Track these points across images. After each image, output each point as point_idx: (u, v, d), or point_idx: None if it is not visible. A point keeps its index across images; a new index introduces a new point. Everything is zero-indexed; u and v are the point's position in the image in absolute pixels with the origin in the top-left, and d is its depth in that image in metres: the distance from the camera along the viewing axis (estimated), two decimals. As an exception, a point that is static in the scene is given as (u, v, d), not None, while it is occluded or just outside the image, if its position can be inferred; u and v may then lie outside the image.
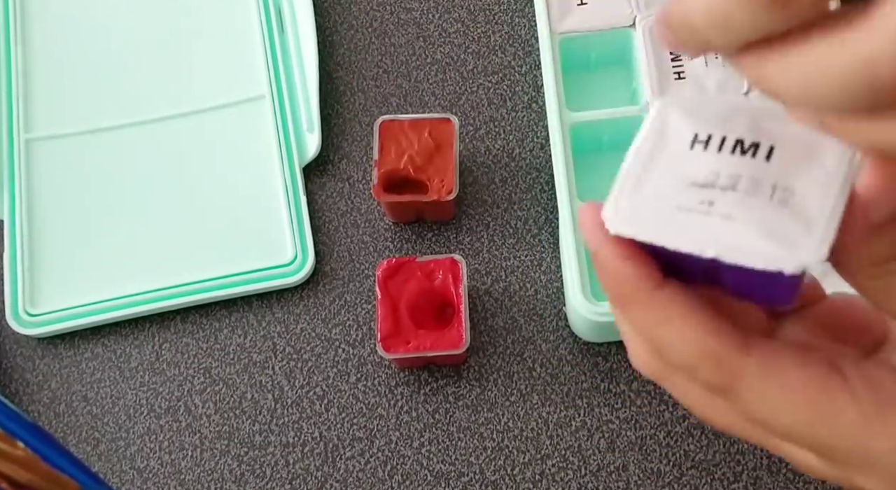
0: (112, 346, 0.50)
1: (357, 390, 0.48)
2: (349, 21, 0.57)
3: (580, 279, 0.44)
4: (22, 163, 0.53)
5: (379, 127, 0.49)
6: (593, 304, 0.44)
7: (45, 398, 0.50)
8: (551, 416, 0.47)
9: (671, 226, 0.23)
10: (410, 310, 0.45)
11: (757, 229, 0.22)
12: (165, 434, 0.48)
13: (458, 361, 0.48)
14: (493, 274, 0.50)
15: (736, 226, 0.22)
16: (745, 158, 0.23)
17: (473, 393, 0.47)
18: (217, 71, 0.55)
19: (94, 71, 0.56)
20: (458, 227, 0.51)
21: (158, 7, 0.57)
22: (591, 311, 0.43)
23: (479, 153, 0.53)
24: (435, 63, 0.55)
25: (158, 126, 0.54)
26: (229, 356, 0.50)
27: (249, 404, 0.48)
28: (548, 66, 0.49)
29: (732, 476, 0.45)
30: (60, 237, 0.52)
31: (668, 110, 0.24)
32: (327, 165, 0.53)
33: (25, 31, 0.57)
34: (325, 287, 0.50)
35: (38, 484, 0.26)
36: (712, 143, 0.23)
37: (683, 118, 0.24)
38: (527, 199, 0.51)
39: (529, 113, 0.53)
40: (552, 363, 0.48)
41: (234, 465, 0.47)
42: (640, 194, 0.24)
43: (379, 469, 0.46)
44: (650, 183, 0.24)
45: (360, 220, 0.52)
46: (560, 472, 0.45)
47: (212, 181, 0.53)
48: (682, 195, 0.23)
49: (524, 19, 0.56)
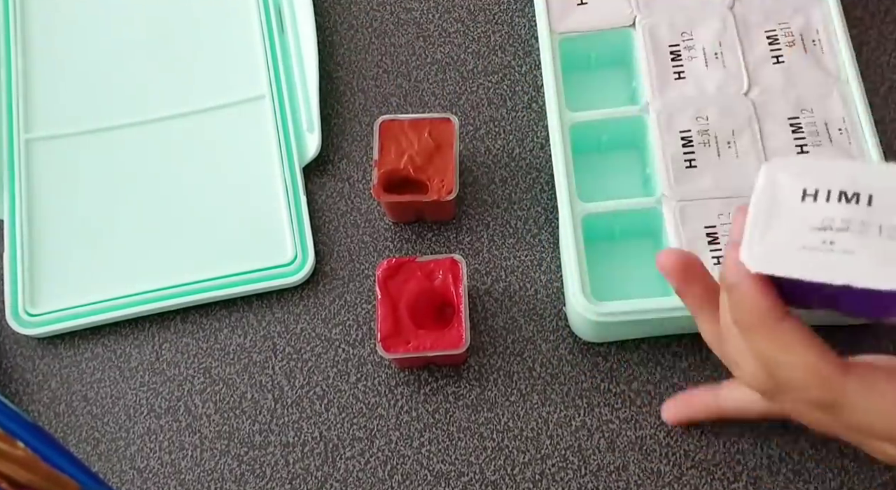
0: (112, 345, 0.50)
1: (357, 390, 0.48)
2: (349, 21, 0.57)
3: (580, 279, 0.44)
4: (22, 163, 0.53)
5: (379, 127, 0.49)
6: (593, 304, 0.43)
7: (45, 398, 0.50)
8: (551, 415, 0.47)
9: (802, 263, 0.29)
10: (410, 310, 0.45)
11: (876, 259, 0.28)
12: (165, 434, 0.48)
13: (458, 361, 0.48)
14: (493, 274, 0.50)
15: (857, 258, 0.28)
16: (851, 205, 0.29)
17: (473, 393, 0.47)
18: (217, 71, 0.55)
19: (93, 71, 0.56)
20: (458, 227, 0.51)
21: (158, 7, 0.57)
22: (591, 311, 0.43)
23: (479, 153, 0.53)
24: (435, 63, 0.55)
25: (158, 126, 0.54)
26: (229, 356, 0.50)
27: (249, 404, 0.48)
28: (548, 66, 0.49)
29: (732, 476, 0.45)
30: (60, 237, 0.52)
31: (776, 173, 0.30)
32: (327, 165, 0.53)
33: (25, 31, 0.57)
34: (325, 287, 0.50)
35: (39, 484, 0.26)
36: (820, 195, 0.29)
37: (790, 177, 0.30)
38: (527, 199, 0.51)
39: (529, 113, 0.53)
40: (552, 363, 0.48)
41: (234, 465, 0.47)
42: (768, 240, 0.29)
43: (379, 469, 0.46)
44: (775, 230, 0.29)
45: (360, 220, 0.52)
46: (560, 472, 0.45)
47: (212, 181, 0.53)
48: (805, 238, 0.29)
49: (524, 19, 0.56)
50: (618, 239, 0.48)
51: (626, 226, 0.47)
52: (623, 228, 0.48)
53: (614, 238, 0.48)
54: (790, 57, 0.48)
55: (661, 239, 0.46)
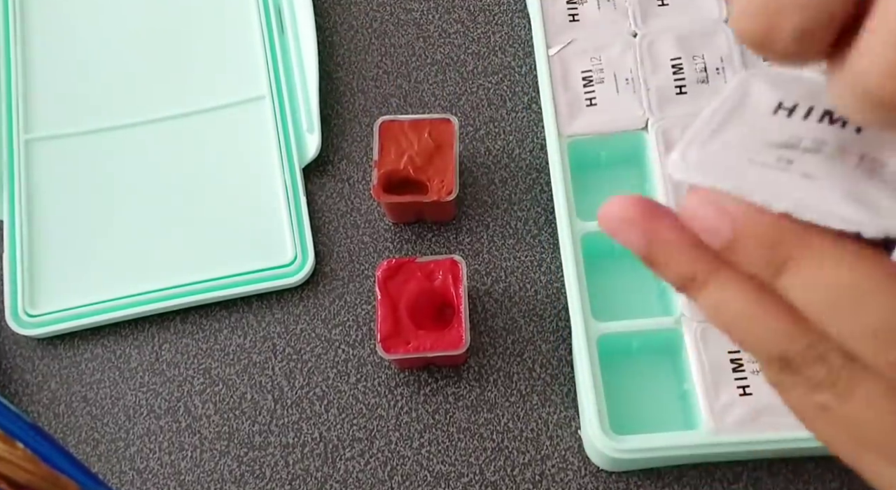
0: (112, 346, 0.50)
1: (357, 391, 0.48)
2: (349, 21, 0.57)
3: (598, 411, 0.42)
4: (22, 163, 0.53)
5: (379, 127, 0.49)
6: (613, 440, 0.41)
7: (44, 399, 0.50)
8: (551, 416, 0.47)
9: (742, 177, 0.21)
10: (410, 310, 0.45)
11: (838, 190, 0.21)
12: (165, 435, 0.48)
13: (457, 362, 0.48)
14: (493, 274, 0.50)
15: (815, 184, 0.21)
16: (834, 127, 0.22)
17: (473, 393, 0.47)
18: (217, 71, 0.55)
19: (93, 71, 0.56)
20: (458, 227, 0.51)
21: (158, 7, 0.57)
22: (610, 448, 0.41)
23: (479, 154, 0.53)
24: (435, 63, 0.55)
25: (158, 126, 0.54)
26: (229, 357, 0.49)
27: (249, 405, 0.48)
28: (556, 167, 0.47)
29: (732, 476, 0.45)
30: (60, 238, 0.52)
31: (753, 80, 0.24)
32: (327, 166, 0.53)
33: (25, 30, 0.57)
34: (324, 288, 0.50)
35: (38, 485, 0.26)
36: (798, 111, 0.23)
37: (768, 87, 0.23)
38: (527, 199, 0.51)
39: (529, 114, 0.53)
40: (552, 364, 0.48)
41: (233, 466, 0.47)
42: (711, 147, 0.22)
43: (379, 470, 0.46)
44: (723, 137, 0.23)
45: (360, 221, 0.52)
46: (560, 473, 0.45)
47: (211, 181, 0.53)
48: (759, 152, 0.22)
49: (524, 20, 0.56)
50: (635, 357, 0.46)
51: (644, 343, 0.45)
52: (640, 346, 0.45)
53: (630, 355, 0.46)
54: None
55: (681, 360, 0.44)
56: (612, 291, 0.47)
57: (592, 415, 0.42)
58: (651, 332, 0.44)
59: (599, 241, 0.46)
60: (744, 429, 0.41)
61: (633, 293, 0.47)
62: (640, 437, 0.41)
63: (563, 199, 0.46)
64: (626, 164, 0.49)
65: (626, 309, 0.46)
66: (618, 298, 0.46)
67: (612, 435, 0.41)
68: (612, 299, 0.46)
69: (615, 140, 0.48)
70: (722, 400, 0.41)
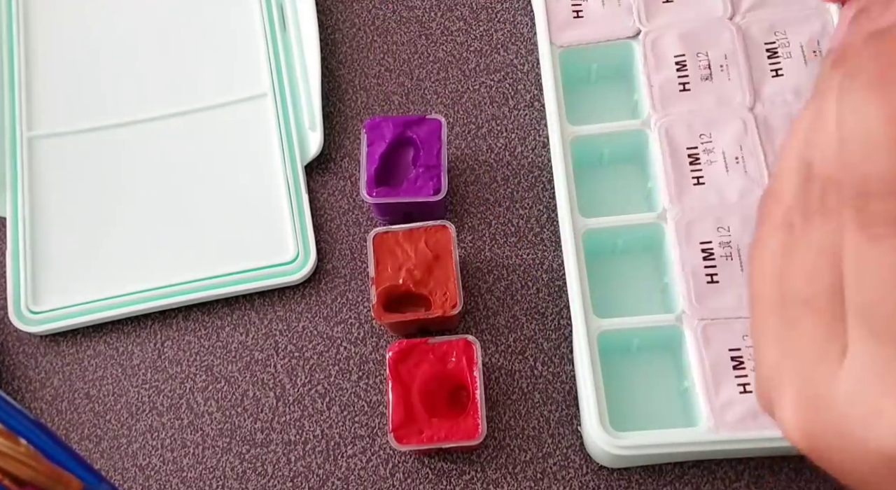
0: (114, 343, 0.50)
1: (358, 388, 0.48)
2: (351, 19, 0.57)
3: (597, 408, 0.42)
4: (24, 160, 0.54)
5: (372, 240, 0.46)
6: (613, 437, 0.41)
7: (47, 395, 0.50)
8: (553, 414, 0.47)
9: None
10: (423, 395, 0.44)
11: None
12: (167, 431, 0.48)
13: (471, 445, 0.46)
14: (494, 272, 0.50)
15: None
16: None
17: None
18: (219, 69, 0.55)
19: (96, 69, 0.56)
20: (459, 225, 0.51)
21: (161, 5, 0.57)
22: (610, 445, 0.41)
23: (480, 151, 0.53)
24: (437, 61, 0.55)
25: (160, 124, 0.54)
26: (231, 354, 0.50)
27: (251, 402, 0.48)
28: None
29: (734, 475, 0.45)
30: (63, 235, 0.52)
31: None
32: (329, 163, 0.53)
33: (28, 29, 0.57)
34: (326, 285, 0.51)
35: (41, 481, 0.26)
36: None
37: None
38: (529, 197, 0.51)
39: (531, 111, 0.53)
40: (554, 361, 0.48)
41: (235, 463, 0.47)
42: None
43: (380, 467, 0.47)
44: None
45: (362, 218, 0.52)
46: (561, 471, 0.46)
47: (214, 179, 0.53)
48: None
49: (526, 17, 0.56)
50: (635, 354, 0.46)
51: (645, 341, 0.45)
52: (641, 343, 0.45)
53: (631, 353, 0.46)
54: None
55: (682, 358, 0.44)
56: (614, 289, 0.47)
57: (593, 412, 0.42)
58: (652, 330, 0.44)
59: (601, 238, 0.46)
60: (744, 426, 0.41)
61: (634, 290, 0.47)
62: (641, 434, 0.41)
63: (565, 195, 0.46)
64: (628, 161, 0.49)
65: (628, 306, 0.46)
66: (619, 296, 0.47)
67: (613, 432, 0.41)
68: (613, 296, 0.46)
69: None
70: (722, 397, 0.41)
